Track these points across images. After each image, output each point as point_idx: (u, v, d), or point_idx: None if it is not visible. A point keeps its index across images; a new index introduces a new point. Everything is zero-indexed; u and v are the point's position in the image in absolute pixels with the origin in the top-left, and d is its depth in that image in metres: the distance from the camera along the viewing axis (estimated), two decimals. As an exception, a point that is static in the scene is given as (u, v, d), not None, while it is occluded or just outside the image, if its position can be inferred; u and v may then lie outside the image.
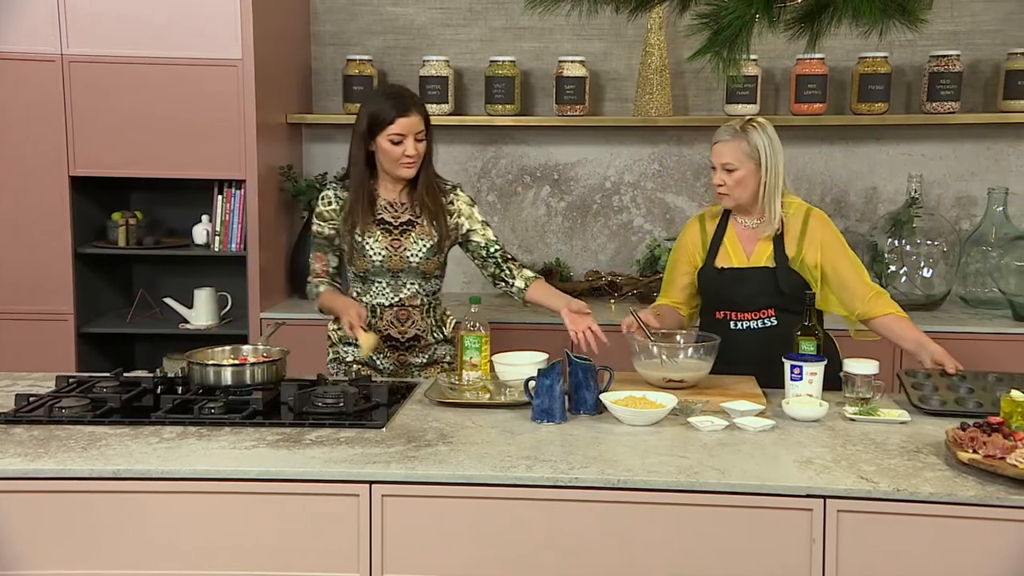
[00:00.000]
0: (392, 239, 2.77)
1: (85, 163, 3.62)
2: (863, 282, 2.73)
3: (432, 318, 2.86)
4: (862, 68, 3.81)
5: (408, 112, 2.70)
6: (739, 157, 2.69)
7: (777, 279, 2.71)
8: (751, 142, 2.68)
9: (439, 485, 2.03)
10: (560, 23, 3.95)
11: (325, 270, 2.86)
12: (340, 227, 2.80)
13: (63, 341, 3.66)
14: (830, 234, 2.75)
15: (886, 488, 1.94)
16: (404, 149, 2.70)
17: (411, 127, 2.70)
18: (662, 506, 2.00)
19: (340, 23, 4.13)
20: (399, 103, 2.71)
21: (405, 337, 2.83)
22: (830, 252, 2.72)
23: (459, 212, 2.84)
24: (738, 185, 2.70)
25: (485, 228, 2.86)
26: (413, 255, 2.77)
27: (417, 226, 2.79)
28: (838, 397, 2.49)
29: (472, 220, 2.84)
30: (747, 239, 2.79)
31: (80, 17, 3.53)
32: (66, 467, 2.04)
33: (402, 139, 2.70)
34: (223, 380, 2.48)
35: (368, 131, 2.72)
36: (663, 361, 2.55)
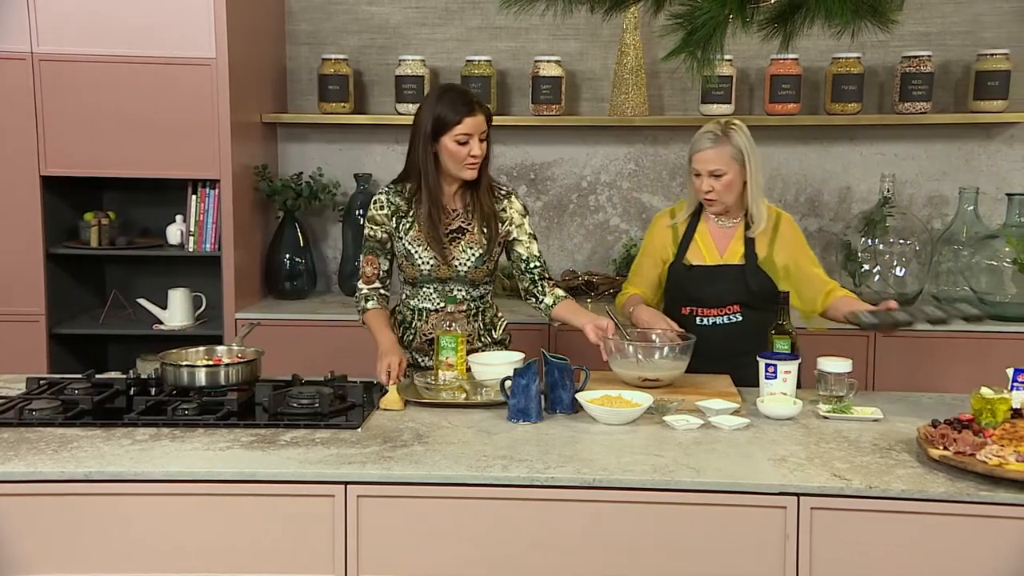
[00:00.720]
0: (441, 248, 2.73)
1: (56, 162, 3.58)
2: (822, 278, 2.84)
3: (480, 322, 2.83)
4: (835, 68, 3.84)
5: (475, 112, 2.66)
6: (725, 161, 2.71)
7: (746, 277, 2.75)
8: (735, 144, 2.72)
9: (415, 485, 2.03)
10: (536, 23, 3.95)
11: (376, 274, 2.79)
12: (393, 232, 2.76)
13: (34, 342, 3.61)
14: (799, 236, 2.86)
15: (859, 485, 1.96)
16: (470, 149, 2.66)
17: (477, 127, 2.66)
18: (637, 505, 2.01)
19: (315, 22, 4.11)
20: (466, 102, 2.67)
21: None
22: (798, 253, 2.81)
23: (511, 220, 2.80)
24: (726, 189, 2.73)
25: (531, 241, 2.81)
26: (461, 264, 2.74)
27: (467, 234, 2.75)
28: (812, 395, 2.51)
29: (520, 230, 2.80)
30: (721, 237, 2.82)
31: (51, 15, 3.49)
32: (37, 470, 2.02)
33: (468, 139, 2.65)
34: (197, 381, 2.47)
35: (433, 133, 2.66)
36: (638, 361, 2.56)
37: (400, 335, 2.83)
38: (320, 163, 4.08)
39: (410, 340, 2.84)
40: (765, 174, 4.04)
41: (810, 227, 4.09)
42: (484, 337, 2.85)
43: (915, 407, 2.50)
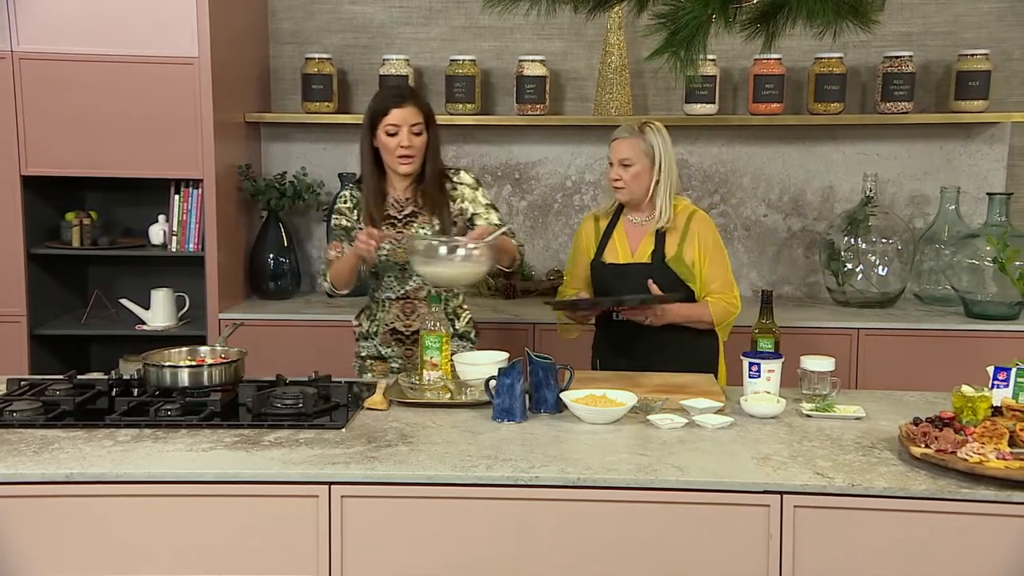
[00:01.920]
0: (396, 232, 2.80)
1: (37, 162, 3.55)
2: (711, 283, 2.85)
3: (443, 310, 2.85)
4: (818, 68, 3.85)
5: (402, 103, 2.74)
6: (636, 153, 2.82)
7: (651, 274, 2.82)
8: (647, 141, 2.83)
9: (399, 485, 2.03)
10: (520, 22, 3.96)
11: (340, 257, 2.85)
12: (355, 223, 2.84)
13: (15, 343, 3.58)
14: (710, 236, 2.88)
15: (841, 483, 1.97)
16: (399, 140, 2.72)
17: (406, 118, 2.73)
18: (622, 504, 2.01)
19: (298, 21, 4.10)
20: (395, 93, 2.79)
21: (410, 330, 2.85)
22: (704, 252, 2.85)
23: (462, 196, 2.85)
24: (633, 180, 2.82)
25: (489, 211, 2.85)
26: None
27: (420, 216, 2.81)
28: (795, 394, 2.52)
29: (476, 204, 2.85)
30: (634, 235, 2.90)
31: (32, 13, 3.46)
32: (17, 471, 2.01)
33: (397, 130, 2.73)
34: (180, 382, 2.45)
35: (370, 126, 2.77)
36: (439, 255, 2.57)
37: (368, 328, 2.91)
38: (304, 163, 4.06)
39: (375, 331, 2.89)
40: (748, 173, 4.06)
41: (793, 226, 4.12)
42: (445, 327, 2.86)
43: (897, 405, 2.51)
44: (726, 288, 2.87)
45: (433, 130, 2.81)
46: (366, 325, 2.92)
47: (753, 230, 4.13)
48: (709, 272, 2.85)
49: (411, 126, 2.74)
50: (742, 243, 4.14)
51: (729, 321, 2.88)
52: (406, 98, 2.76)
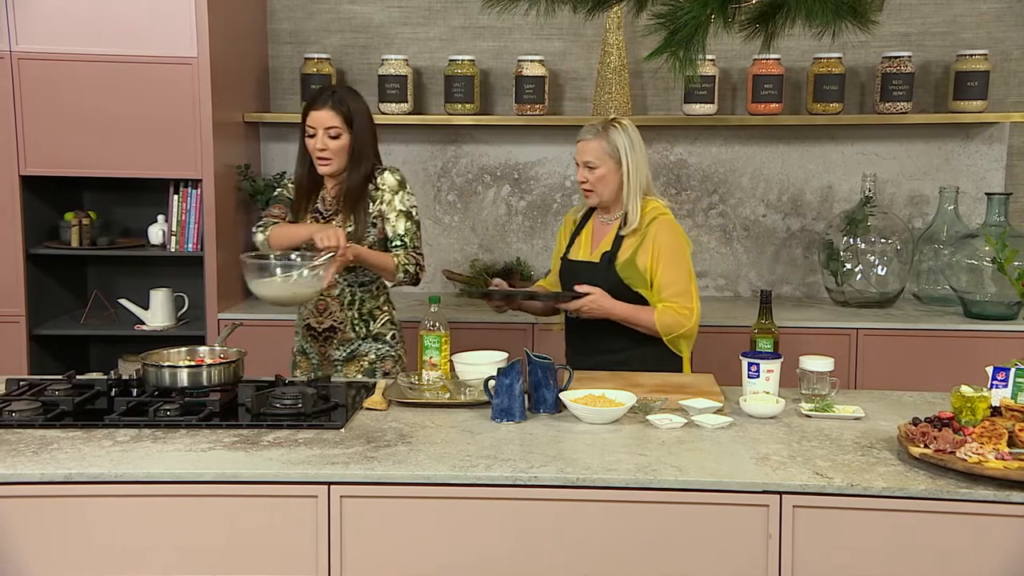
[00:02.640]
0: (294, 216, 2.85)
1: (36, 162, 3.55)
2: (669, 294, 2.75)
3: (354, 311, 2.86)
4: (817, 68, 3.86)
5: (319, 106, 2.77)
6: (599, 155, 2.77)
7: (596, 275, 2.79)
8: (611, 141, 2.77)
9: (398, 485, 2.02)
10: (519, 22, 3.96)
11: (282, 217, 2.88)
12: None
13: (14, 343, 3.58)
14: (666, 242, 2.76)
15: (840, 483, 1.97)
16: (315, 143, 2.76)
17: (321, 121, 2.76)
18: (621, 504, 2.01)
19: (297, 21, 4.10)
20: (316, 97, 2.80)
21: (321, 327, 2.87)
22: (658, 259, 2.75)
23: (381, 198, 2.83)
24: (599, 182, 2.79)
25: (399, 219, 2.83)
26: None
27: (339, 214, 2.83)
28: (794, 394, 2.52)
29: (390, 207, 2.83)
30: (600, 233, 2.89)
31: (31, 13, 3.46)
32: (16, 471, 2.01)
33: (314, 132, 2.77)
34: (179, 382, 2.45)
35: (301, 121, 2.82)
36: (279, 276, 2.58)
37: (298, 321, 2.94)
38: (303, 163, 4.06)
39: (297, 328, 2.93)
40: (747, 173, 4.06)
41: (792, 226, 4.12)
42: (359, 328, 2.88)
43: (896, 405, 2.52)
44: (680, 297, 2.74)
45: (359, 132, 2.79)
46: (299, 320, 2.96)
47: (752, 230, 4.13)
48: (662, 278, 2.73)
49: (327, 129, 2.75)
50: (741, 243, 4.14)
51: (680, 334, 2.74)
52: (326, 102, 2.76)
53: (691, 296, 2.76)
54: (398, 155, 4.12)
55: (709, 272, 4.17)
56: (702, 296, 4.10)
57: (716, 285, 4.18)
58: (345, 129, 2.77)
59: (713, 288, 4.18)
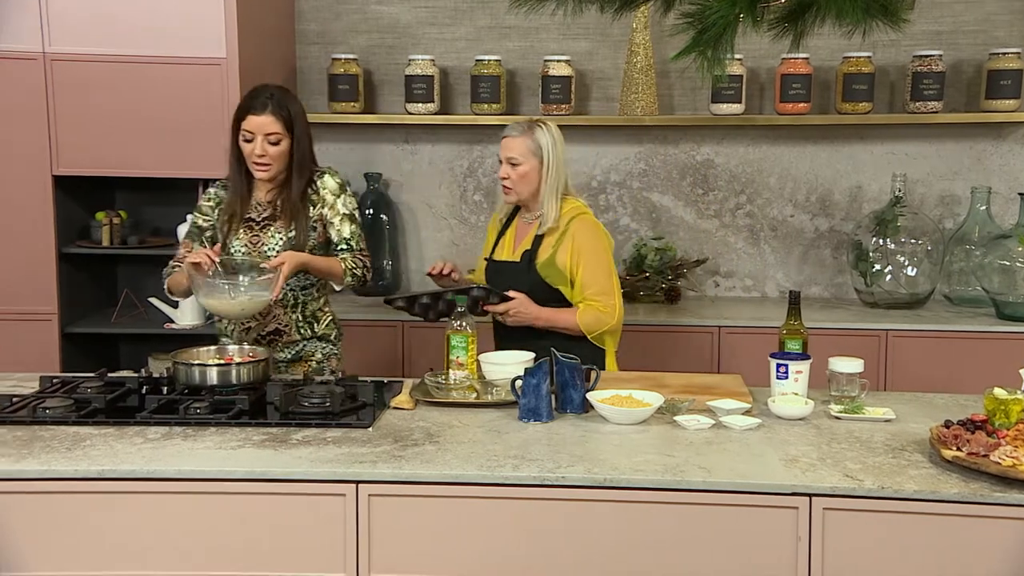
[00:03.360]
0: (252, 235, 2.78)
1: (68, 162, 3.59)
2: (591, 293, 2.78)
3: (298, 313, 2.85)
4: (846, 68, 3.82)
5: (259, 111, 2.69)
6: (523, 152, 2.81)
7: (517, 275, 2.82)
8: (535, 140, 2.81)
9: (426, 484, 2.03)
10: (546, 22, 3.96)
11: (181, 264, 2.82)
12: (216, 223, 2.83)
13: (47, 341, 3.62)
14: (586, 241, 2.80)
15: (871, 486, 1.95)
16: (253, 148, 2.71)
17: (261, 127, 2.69)
18: (648, 504, 2.01)
19: (325, 22, 4.12)
20: (256, 101, 2.71)
21: (265, 331, 2.83)
22: (578, 258, 2.79)
23: (323, 201, 2.81)
24: (521, 180, 2.82)
25: (343, 222, 2.80)
26: (270, 248, 2.76)
27: (278, 219, 2.78)
28: (823, 395, 2.50)
29: (333, 211, 2.81)
30: (521, 233, 2.91)
31: (63, 15, 3.50)
32: (50, 468, 2.03)
33: (252, 137, 2.70)
34: (209, 380, 2.47)
35: (233, 124, 2.75)
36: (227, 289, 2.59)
37: (225, 325, 2.89)
38: (330, 162, 4.04)
39: (231, 329, 2.87)
40: (775, 173, 4.03)
41: (820, 227, 4.09)
42: (303, 330, 2.86)
43: (928, 408, 2.49)
44: (602, 295, 2.78)
45: (299, 138, 2.75)
46: (223, 323, 2.89)
47: (779, 230, 4.11)
48: (584, 277, 2.77)
49: (267, 135, 2.69)
50: (768, 243, 4.11)
51: (605, 330, 2.79)
52: (266, 106, 2.69)
53: (612, 293, 2.81)
54: (424, 155, 4.13)
55: (736, 272, 4.15)
56: (730, 296, 4.12)
57: (743, 286, 4.16)
58: (285, 135, 2.71)
59: (740, 288, 4.16)
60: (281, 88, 2.82)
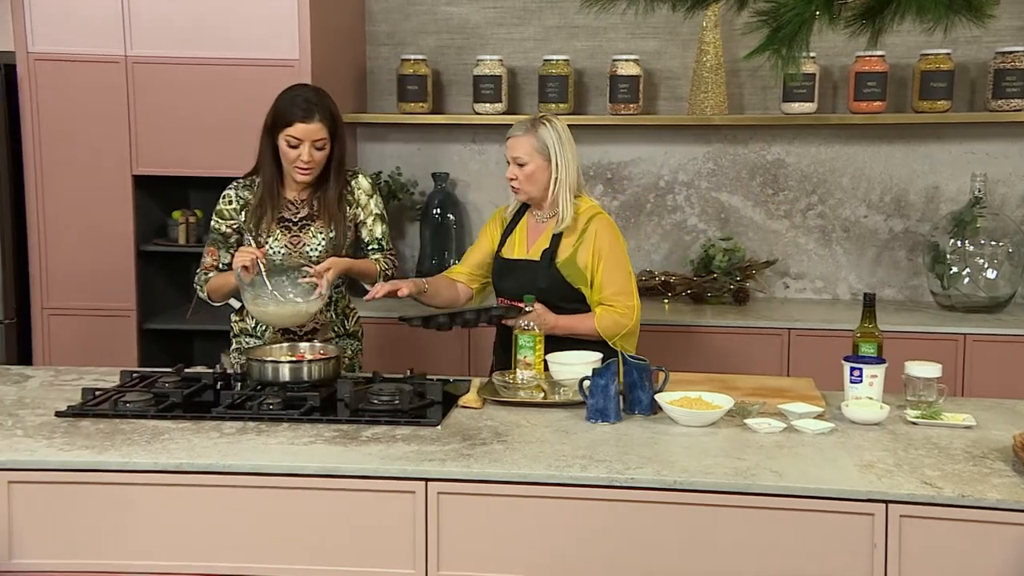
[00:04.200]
0: (291, 236, 2.77)
1: (147, 162, 3.69)
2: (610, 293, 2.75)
3: (332, 311, 2.87)
4: (924, 65, 3.73)
5: (310, 118, 2.67)
6: (528, 152, 2.75)
7: (536, 274, 2.76)
8: (540, 138, 2.75)
9: (495, 484, 2.04)
10: (614, 21, 3.94)
11: (215, 265, 2.83)
12: (243, 225, 2.79)
13: (126, 336, 3.74)
14: (606, 242, 2.77)
15: (951, 494, 1.90)
16: (299, 154, 2.69)
17: (310, 134, 2.67)
18: (719, 508, 1.98)
19: (395, 23, 4.16)
20: (304, 107, 2.68)
21: (303, 331, 2.83)
22: (599, 258, 2.76)
23: (357, 202, 2.83)
24: (528, 179, 2.77)
25: (375, 223, 2.84)
26: (312, 249, 2.77)
27: (317, 220, 2.78)
28: (899, 400, 2.44)
29: (366, 211, 2.84)
30: (534, 232, 2.86)
31: (143, 19, 3.60)
32: (131, 460, 2.09)
33: (299, 143, 2.68)
34: (281, 376, 2.52)
35: (272, 127, 2.72)
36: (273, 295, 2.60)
37: (253, 325, 2.88)
38: (399, 162, 4.13)
39: (264, 329, 2.87)
40: (847, 173, 3.96)
41: (895, 228, 3.99)
42: (337, 327, 2.88)
43: (1010, 414, 2.41)
44: (621, 295, 2.75)
45: (339, 142, 2.74)
46: (250, 321, 2.89)
47: (852, 231, 4.02)
48: (604, 277, 2.74)
49: (314, 141, 2.68)
50: (840, 245, 4.03)
51: (623, 333, 2.75)
52: (313, 113, 2.67)
53: (631, 294, 2.79)
54: (491, 155, 4.15)
55: (806, 274, 4.07)
56: (800, 298, 4.05)
57: (814, 287, 4.08)
58: (329, 139, 2.71)
59: (811, 290, 4.08)
60: (317, 89, 2.82)
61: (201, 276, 2.84)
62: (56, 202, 3.68)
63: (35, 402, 2.48)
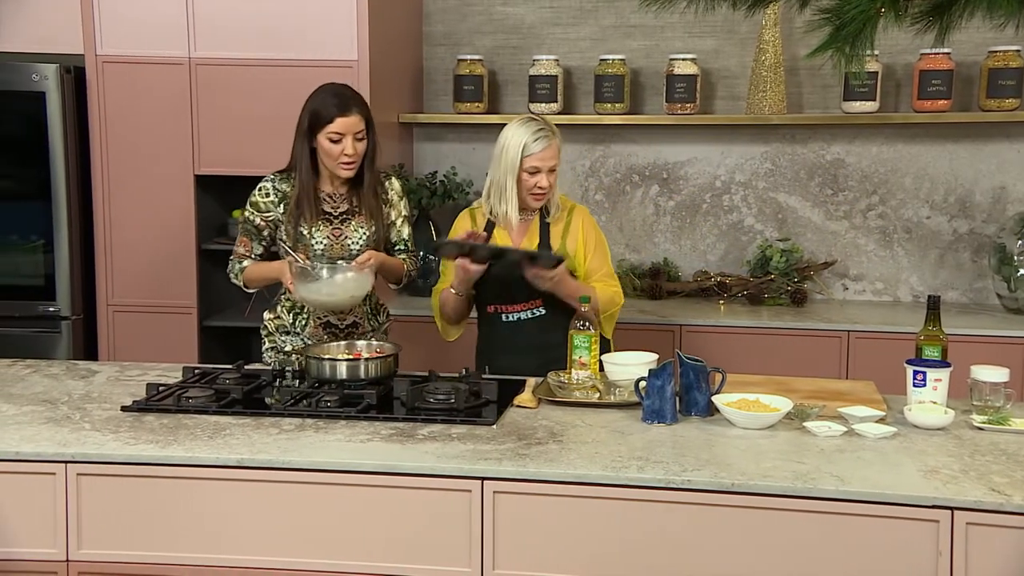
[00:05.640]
0: (333, 228, 2.82)
1: (209, 162, 3.75)
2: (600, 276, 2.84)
3: (368, 306, 2.91)
4: (991, 63, 3.64)
5: (348, 112, 2.73)
6: (557, 154, 2.81)
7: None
8: (559, 137, 2.81)
9: (550, 483, 2.04)
10: (672, 21, 3.91)
11: (247, 255, 2.87)
12: (282, 219, 2.83)
13: (187, 333, 3.81)
14: (591, 229, 2.88)
15: (1020, 501, 1.85)
16: (343, 148, 2.73)
17: (350, 127, 2.73)
18: (778, 512, 1.96)
19: (451, 23, 4.18)
20: (340, 102, 2.74)
21: (344, 324, 2.87)
22: (586, 245, 2.84)
23: (390, 202, 2.90)
24: (554, 183, 2.81)
25: (404, 224, 2.93)
26: (354, 243, 2.82)
27: (356, 215, 2.83)
28: (964, 405, 2.39)
29: (397, 212, 2.92)
30: (518, 232, 2.84)
31: (206, 21, 3.66)
32: (194, 455, 2.13)
33: (341, 138, 2.73)
34: (338, 374, 2.54)
35: (309, 128, 2.76)
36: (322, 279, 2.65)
37: (291, 322, 2.90)
38: (454, 162, 4.15)
39: (303, 324, 2.89)
40: (910, 173, 3.88)
41: (960, 229, 3.91)
42: (372, 321, 2.92)
43: (1080, 421, 2.34)
44: (609, 277, 2.86)
45: (372, 134, 2.80)
46: (287, 318, 2.91)
47: (914, 232, 3.94)
48: (592, 262, 2.83)
49: (355, 134, 2.74)
50: (902, 246, 3.96)
51: (613, 312, 2.85)
52: (351, 106, 2.74)
53: (616, 278, 2.91)
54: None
55: (866, 276, 4.00)
56: (859, 300, 3.98)
57: (874, 289, 4.01)
58: (366, 131, 2.79)
59: (870, 292, 4.01)
60: (345, 85, 2.88)
61: (235, 265, 2.90)
62: (121, 201, 3.77)
63: (102, 397, 2.55)
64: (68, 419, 2.35)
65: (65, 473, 2.14)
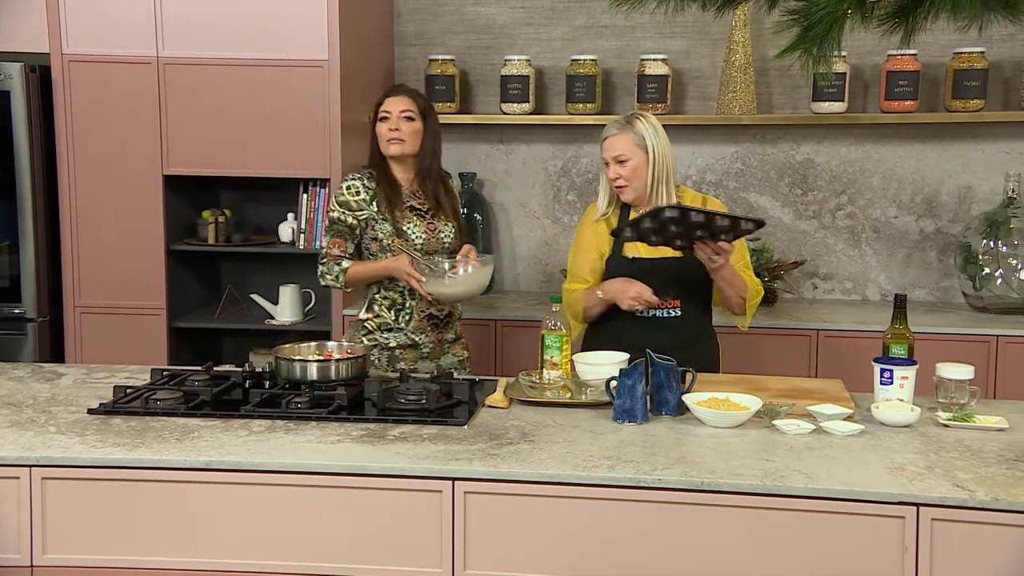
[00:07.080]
0: (427, 223, 2.94)
1: (177, 162, 3.72)
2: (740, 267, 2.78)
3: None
4: (957, 64, 3.69)
5: (396, 93, 2.95)
6: (629, 147, 2.75)
7: (686, 270, 2.74)
8: (637, 132, 2.77)
9: (521, 483, 2.04)
10: (642, 21, 3.93)
11: (343, 255, 2.91)
12: (374, 215, 2.89)
13: (156, 335, 3.77)
14: None
15: (984, 497, 1.88)
16: (389, 124, 2.88)
17: (396, 104, 2.90)
18: (747, 510, 1.97)
19: (423, 23, 4.17)
20: (391, 88, 3.02)
21: (443, 314, 2.98)
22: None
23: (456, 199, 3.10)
24: (633, 174, 2.76)
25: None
26: (446, 236, 2.96)
27: (441, 211, 2.98)
28: (930, 402, 2.42)
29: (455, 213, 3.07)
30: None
31: (175, 20, 3.63)
32: (162, 457, 2.11)
33: (388, 116, 2.89)
34: (309, 375, 2.53)
35: (373, 118, 2.95)
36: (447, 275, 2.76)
37: (393, 318, 2.95)
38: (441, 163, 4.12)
39: (407, 319, 2.94)
40: (878, 173, 3.92)
41: (926, 228, 3.95)
42: (457, 308, 3.05)
43: (1043, 417, 2.38)
44: (748, 269, 2.84)
45: (431, 126, 2.95)
46: (387, 315, 2.95)
47: (882, 232, 3.99)
48: (733, 254, 2.70)
49: (401, 111, 2.88)
50: (870, 245, 4.00)
51: (756, 302, 2.82)
52: (399, 90, 2.97)
53: (752, 267, 2.88)
54: (519, 155, 4.15)
55: (835, 275, 4.04)
56: (828, 299, 4.02)
57: (843, 288, 4.05)
58: (419, 117, 2.91)
59: (839, 291, 4.05)
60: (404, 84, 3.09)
61: (332, 266, 2.92)
62: (88, 202, 3.72)
63: (68, 399, 2.52)
64: (33, 422, 2.32)
65: (30, 477, 2.11)
